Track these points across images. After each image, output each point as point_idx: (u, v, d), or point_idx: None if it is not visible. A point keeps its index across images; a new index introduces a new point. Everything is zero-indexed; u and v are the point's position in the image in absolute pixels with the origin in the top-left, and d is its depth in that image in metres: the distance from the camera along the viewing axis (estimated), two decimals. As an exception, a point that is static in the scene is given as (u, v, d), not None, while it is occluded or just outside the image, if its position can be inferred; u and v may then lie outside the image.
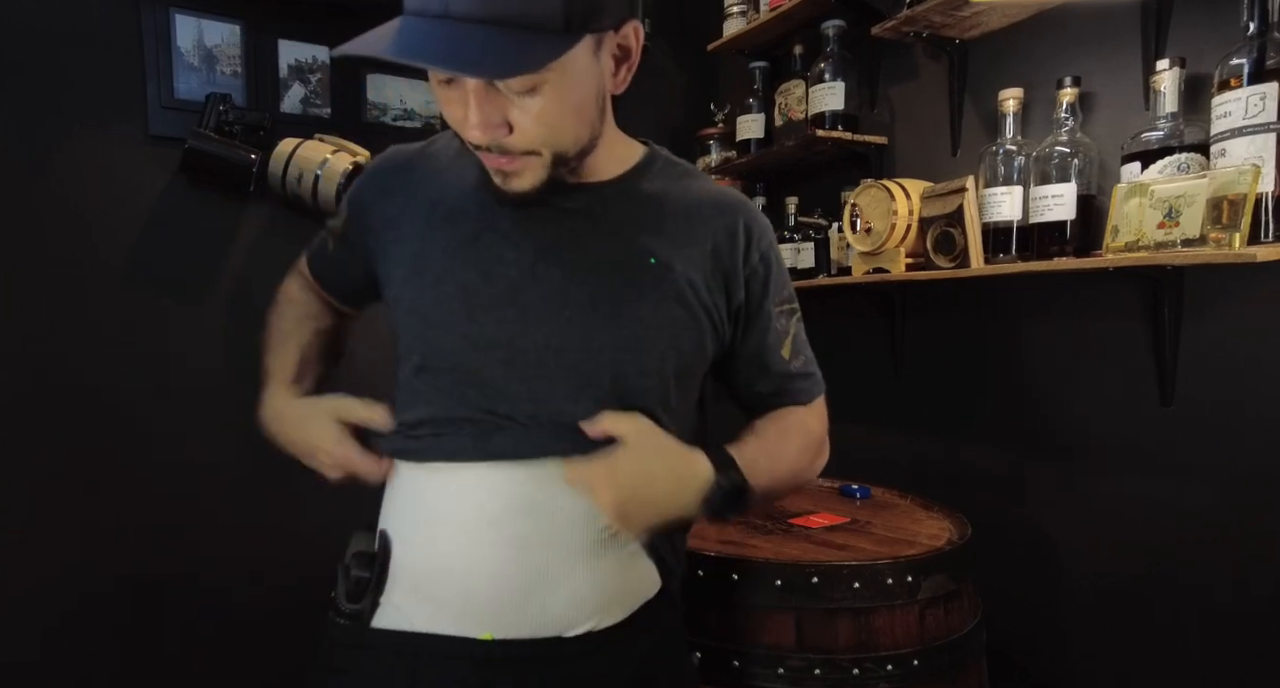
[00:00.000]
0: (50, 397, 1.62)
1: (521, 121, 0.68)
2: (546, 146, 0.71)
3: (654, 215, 0.82)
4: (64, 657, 1.65)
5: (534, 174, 0.73)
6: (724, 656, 1.09)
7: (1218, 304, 1.20)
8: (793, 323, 0.92)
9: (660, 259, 0.80)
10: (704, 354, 0.84)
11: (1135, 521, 1.31)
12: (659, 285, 0.79)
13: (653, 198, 0.83)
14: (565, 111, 0.70)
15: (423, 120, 1.95)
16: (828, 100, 1.71)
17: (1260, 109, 1.01)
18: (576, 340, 0.77)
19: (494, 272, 0.78)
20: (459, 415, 0.78)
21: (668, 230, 0.82)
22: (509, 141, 0.69)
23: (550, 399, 0.77)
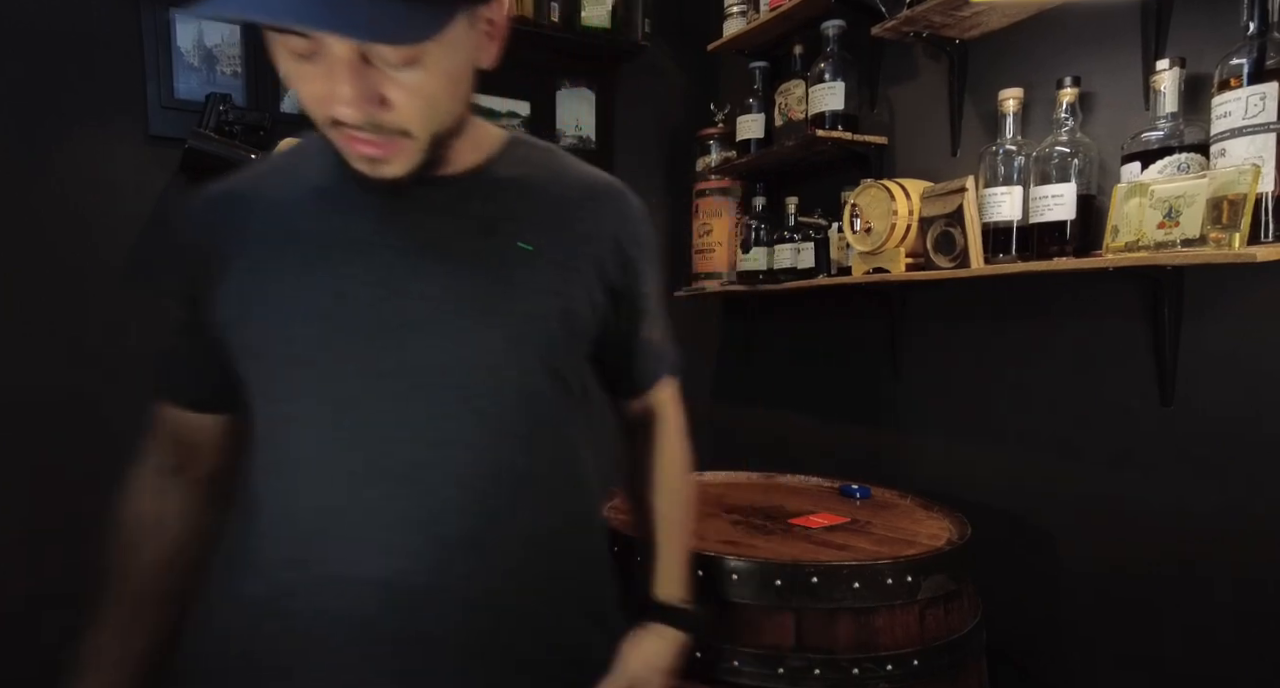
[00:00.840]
0: (50, 396, 1.62)
1: (398, 97, 0.61)
2: (424, 125, 0.64)
3: (523, 204, 0.77)
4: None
5: (407, 158, 0.65)
6: (724, 656, 1.09)
7: (1218, 304, 1.20)
8: (657, 305, 0.90)
9: (535, 248, 0.75)
10: (584, 340, 0.80)
11: (1135, 520, 1.31)
12: (536, 278, 0.74)
13: (519, 185, 0.77)
14: (444, 86, 0.63)
15: (423, 120, 1.95)
16: (828, 100, 1.71)
17: (1260, 109, 1.01)
18: (452, 353, 0.71)
19: (350, 290, 0.70)
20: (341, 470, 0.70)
21: (539, 219, 0.76)
22: (385, 118, 0.62)
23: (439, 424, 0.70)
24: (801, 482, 1.69)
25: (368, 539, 0.69)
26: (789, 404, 2.10)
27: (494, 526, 0.72)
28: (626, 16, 2.09)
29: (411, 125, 0.63)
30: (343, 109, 0.60)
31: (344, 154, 0.66)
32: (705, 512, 1.45)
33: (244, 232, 0.73)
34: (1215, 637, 1.21)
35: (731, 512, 1.44)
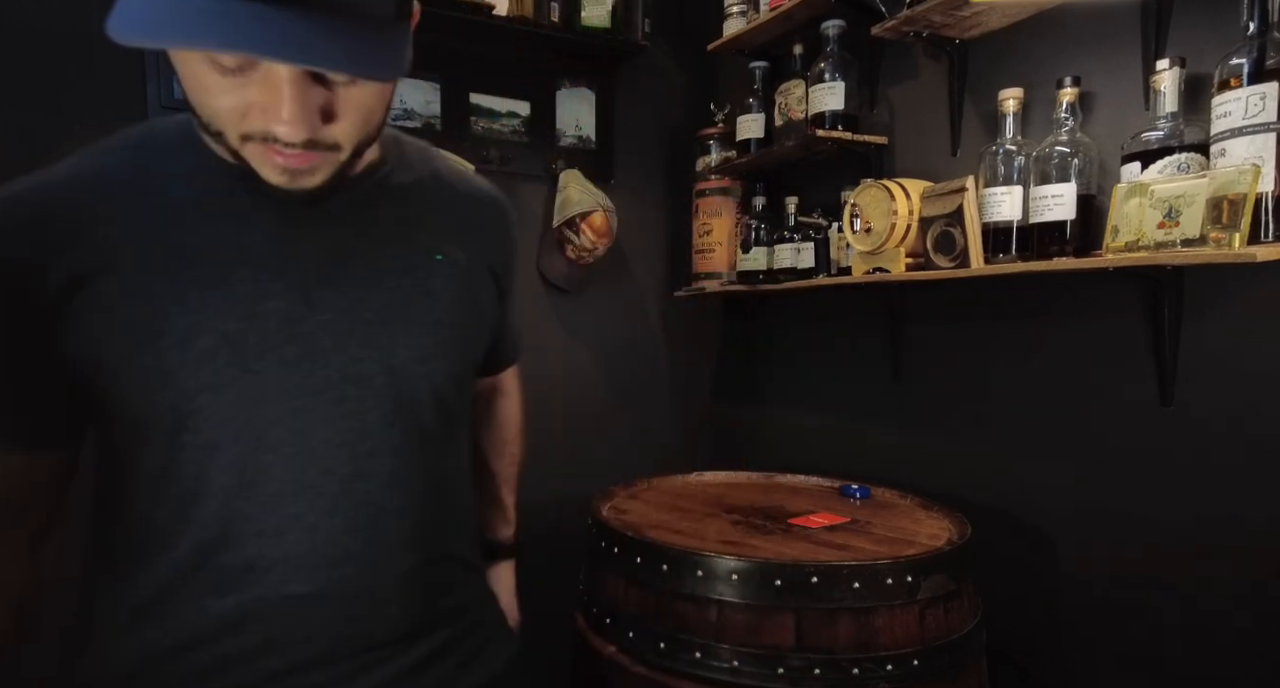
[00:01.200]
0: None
1: (341, 112, 0.60)
2: (354, 138, 0.63)
3: (423, 210, 0.77)
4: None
5: (328, 170, 0.63)
6: (723, 656, 1.09)
7: (1218, 304, 1.20)
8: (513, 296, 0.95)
9: (445, 255, 0.76)
10: (487, 341, 0.85)
11: (1135, 521, 1.31)
12: (449, 284, 0.76)
13: (414, 189, 0.77)
14: (380, 98, 0.63)
15: (421, 120, 1.95)
16: (828, 100, 1.71)
17: (1260, 109, 1.01)
18: (378, 363, 0.70)
19: (260, 308, 0.66)
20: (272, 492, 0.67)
21: (440, 224, 0.78)
22: (322, 134, 0.60)
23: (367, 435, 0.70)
24: (801, 482, 1.69)
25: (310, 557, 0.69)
26: (789, 404, 2.10)
27: (422, 523, 0.75)
28: (626, 16, 2.09)
29: (344, 139, 0.62)
30: (283, 127, 0.57)
31: (254, 165, 0.61)
32: (705, 512, 1.45)
33: (114, 246, 0.64)
34: (1215, 637, 1.21)
35: (731, 512, 1.44)
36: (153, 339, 0.64)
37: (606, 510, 1.42)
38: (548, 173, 2.10)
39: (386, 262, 0.72)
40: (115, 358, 0.64)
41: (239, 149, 0.61)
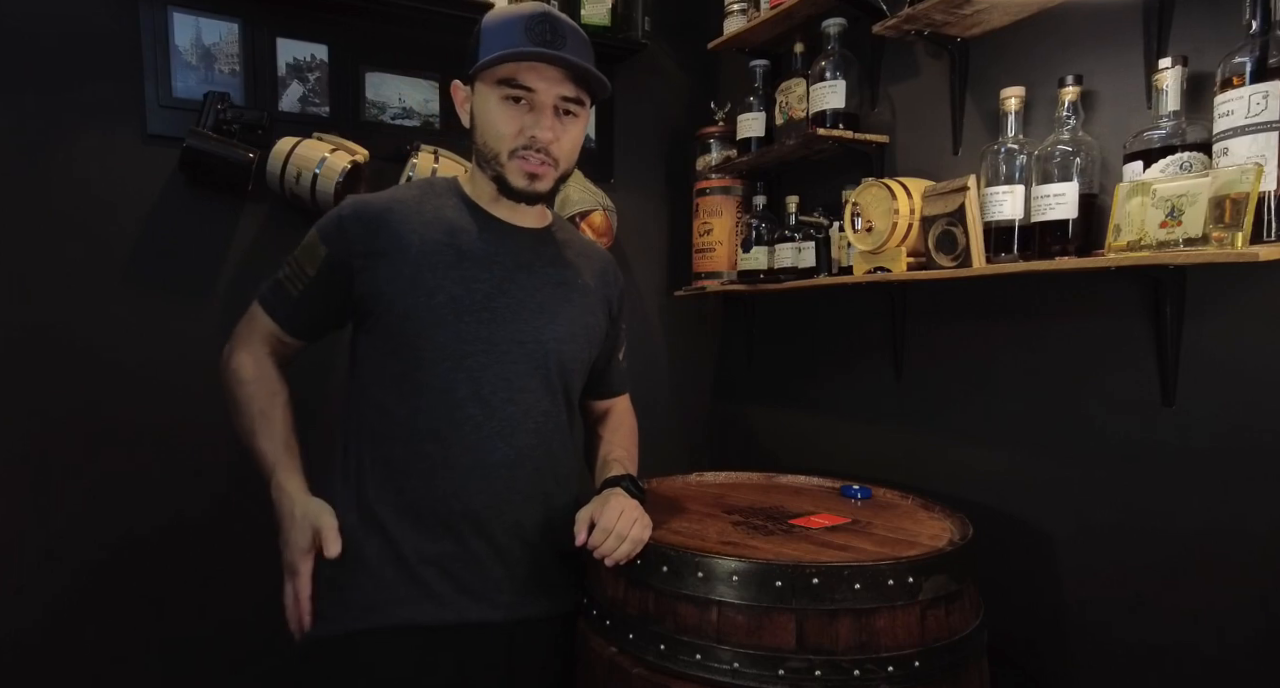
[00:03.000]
0: (48, 395, 1.62)
1: (564, 136, 1.10)
2: (566, 159, 1.12)
3: (570, 252, 1.25)
4: (63, 660, 1.65)
5: (549, 180, 1.12)
6: (724, 657, 1.08)
7: (1220, 304, 1.20)
8: (624, 338, 1.39)
9: (583, 281, 1.23)
10: (596, 349, 1.27)
11: (1137, 521, 1.31)
12: (584, 299, 1.23)
13: (566, 242, 1.26)
14: (578, 139, 1.14)
15: (420, 119, 1.95)
16: (828, 99, 1.71)
17: (1263, 108, 1.01)
18: (531, 335, 1.15)
19: (473, 287, 1.11)
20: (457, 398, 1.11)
21: (580, 263, 1.25)
22: (553, 147, 1.09)
23: (516, 377, 1.14)
24: (802, 482, 1.69)
25: (472, 443, 1.12)
26: (789, 404, 2.10)
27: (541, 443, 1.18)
28: (626, 14, 2.08)
29: (561, 157, 1.11)
30: (545, 133, 1.07)
31: (508, 176, 1.11)
32: (705, 512, 1.44)
33: (404, 237, 1.11)
34: (1216, 637, 1.21)
35: (732, 512, 1.44)
36: (412, 290, 1.09)
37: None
38: (548, 172, 2.09)
39: (548, 276, 1.19)
40: (392, 297, 1.10)
41: (505, 164, 1.10)
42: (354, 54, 1.85)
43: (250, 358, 1.18)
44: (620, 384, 1.40)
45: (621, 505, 1.12)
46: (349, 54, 1.84)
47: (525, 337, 1.14)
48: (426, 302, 1.09)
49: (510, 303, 1.13)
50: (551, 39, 1.03)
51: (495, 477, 1.12)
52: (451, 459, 1.10)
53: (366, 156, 1.75)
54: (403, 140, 1.88)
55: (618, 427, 1.38)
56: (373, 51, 1.87)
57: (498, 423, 1.12)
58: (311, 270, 1.13)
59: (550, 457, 1.19)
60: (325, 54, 1.82)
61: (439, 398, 1.10)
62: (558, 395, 1.20)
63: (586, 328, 1.22)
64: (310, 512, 1.08)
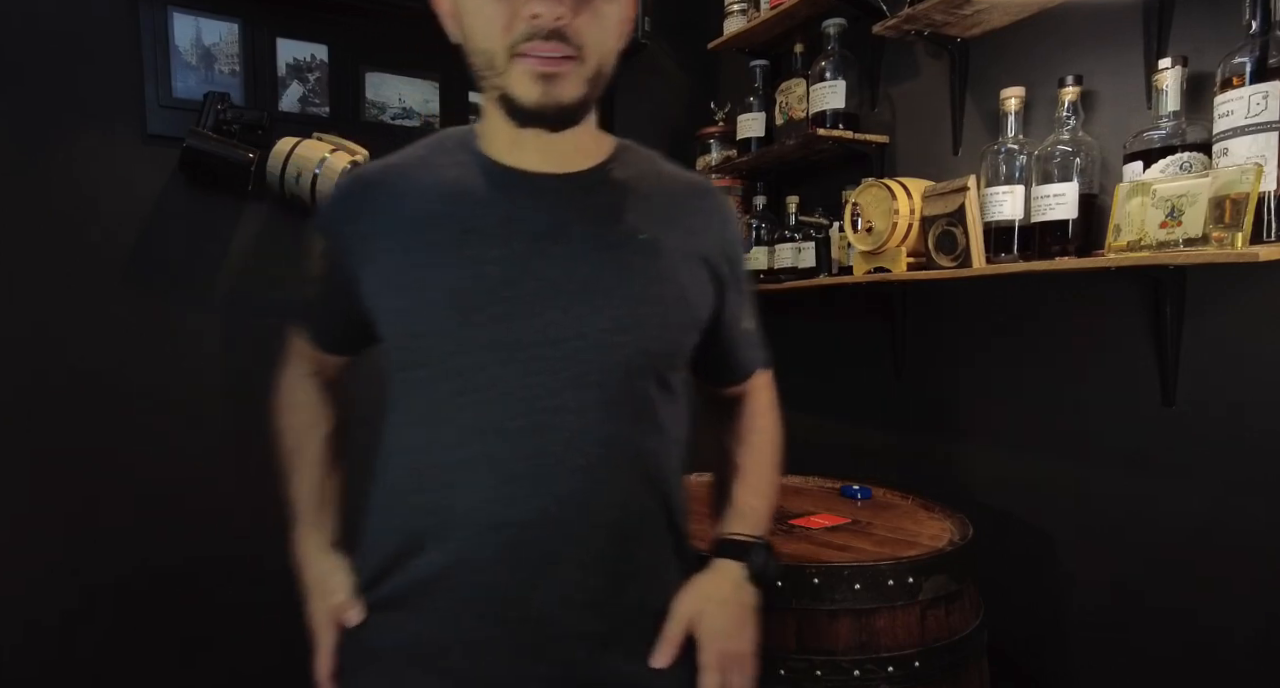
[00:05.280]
0: (49, 395, 1.62)
1: (585, 9, 0.72)
2: (594, 50, 0.74)
3: (634, 198, 0.84)
4: (64, 656, 1.65)
5: (575, 83, 0.74)
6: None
7: (1220, 303, 1.20)
8: (749, 297, 0.97)
9: (648, 236, 0.82)
10: (696, 329, 0.87)
11: (1137, 521, 1.31)
12: (648, 264, 0.82)
13: (630, 182, 0.86)
14: (613, 20, 0.75)
15: (421, 119, 1.95)
16: (828, 99, 1.71)
17: (1262, 108, 1.01)
18: (571, 329, 0.78)
19: (483, 272, 0.78)
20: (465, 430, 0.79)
21: (650, 211, 0.84)
22: (569, 29, 0.71)
23: (553, 393, 0.77)
24: (802, 482, 1.69)
25: (488, 493, 0.78)
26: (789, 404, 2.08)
27: (595, 488, 0.79)
28: (626, 15, 2.08)
29: (587, 42, 0.72)
30: (548, 5, 0.69)
31: (515, 90, 0.74)
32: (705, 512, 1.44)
33: (391, 214, 0.81)
34: (1217, 637, 1.21)
35: (732, 512, 1.44)
36: (398, 284, 0.79)
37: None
38: (548, 172, 2.09)
39: (595, 242, 0.81)
40: (382, 297, 0.81)
41: (504, 71, 0.73)
42: (354, 54, 1.85)
43: (291, 383, 0.99)
44: (751, 361, 0.99)
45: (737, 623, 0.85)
46: (349, 54, 1.84)
47: (561, 333, 0.78)
48: (421, 298, 0.79)
49: (538, 286, 0.78)
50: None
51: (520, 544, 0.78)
52: (457, 519, 0.79)
53: (366, 157, 1.74)
54: (403, 140, 1.85)
55: (748, 436, 0.99)
56: (373, 51, 1.87)
57: (523, 462, 0.78)
58: (317, 268, 0.90)
59: (620, 507, 0.81)
60: (325, 54, 1.82)
61: (445, 432, 0.79)
62: (631, 408, 0.81)
63: (666, 303, 0.82)
64: (322, 581, 0.89)
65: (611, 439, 0.79)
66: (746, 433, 0.99)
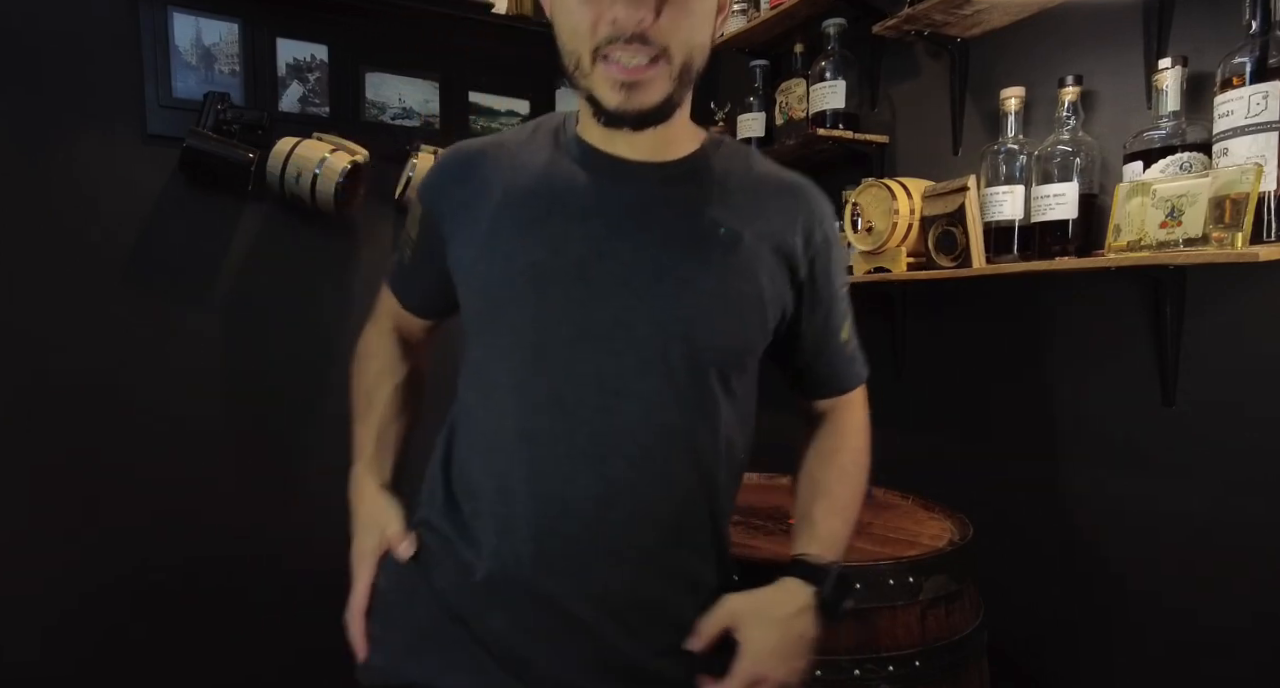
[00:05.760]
0: (49, 395, 1.62)
1: (668, 13, 0.72)
2: (681, 47, 0.74)
3: (720, 191, 0.84)
4: (64, 656, 1.65)
5: (661, 85, 0.75)
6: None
7: (1220, 303, 1.20)
8: (848, 308, 0.95)
9: (730, 229, 0.82)
10: (767, 329, 0.86)
11: (1137, 520, 1.31)
12: (727, 258, 0.81)
13: (719, 175, 0.85)
14: (702, 18, 0.75)
15: (421, 119, 1.95)
16: (828, 99, 1.71)
17: (1263, 108, 1.01)
18: (643, 314, 0.79)
19: (563, 248, 0.79)
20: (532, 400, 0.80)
21: (735, 205, 0.84)
22: (652, 31, 0.71)
23: (618, 376, 0.78)
24: (802, 482, 1.69)
25: (546, 467, 0.79)
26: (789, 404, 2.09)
27: (646, 478, 0.80)
28: (626, 15, 2.08)
29: (672, 42, 0.73)
30: (629, 11, 0.70)
31: (598, 93, 0.76)
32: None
33: (485, 186, 0.84)
34: (1217, 637, 1.21)
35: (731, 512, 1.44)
36: (487, 253, 0.82)
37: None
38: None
39: (672, 229, 0.81)
40: (467, 263, 0.84)
41: (589, 74, 0.75)
42: (354, 54, 1.85)
43: (374, 334, 1.02)
44: (844, 377, 0.97)
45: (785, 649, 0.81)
46: (349, 54, 1.84)
47: (634, 317, 0.78)
48: (503, 268, 0.80)
49: (615, 268, 0.79)
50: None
51: (568, 521, 0.79)
52: (508, 493, 0.80)
53: (366, 157, 1.74)
54: (403, 140, 1.87)
55: (834, 456, 0.97)
56: (373, 51, 1.87)
57: (583, 440, 0.79)
58: (414, 232, 0.92)
59: (666, 500, 0.81)
60: (325, 54, 1.82)
61: (510, 402, 0.81)
62: (693, 401, 0.81)
63: (740, 299, 0.82)
64: (375, 515, 0.91)
65: (669, 431, 0.80)
66: (833, 452, 0.97)
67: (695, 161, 0.85)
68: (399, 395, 0.99)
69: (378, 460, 0.96)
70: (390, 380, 0.99)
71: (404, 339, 1.02)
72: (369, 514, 0.92)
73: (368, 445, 0.96)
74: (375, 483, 0.94)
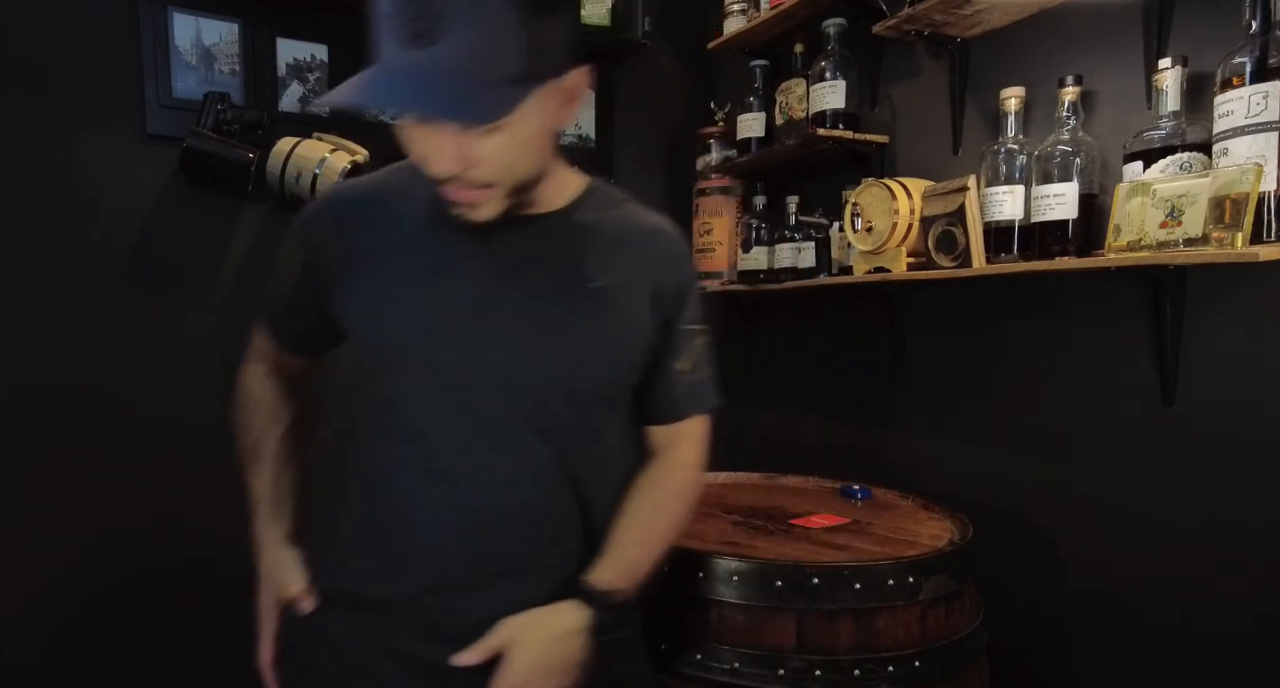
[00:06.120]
0: (50, 395, 1.62)
1: (483, 157, 0.74)
2: (504, 178, 0.78)
3: (592, 244, 0.90)
4: (64, 656, 1.65)
5: (492, 205, 0.80)
6: (723, 657, 1.08)
7: (1219, 304, 1.20)
8: (695, 342, 0.98)
9: (600, 285, 0.89)
10: (636, 368, 0.93)
11: (1137, 521, 1.31)
12: (598, 310, 0.88)
13: (590, 228, 0.91)
14: (521, 147, 0.77)
15: (422, 119, 1.94)
16: (828, 99, 1.71)
17: (1262, 108, 1.01)
18: (525, 363, 0.85)
19: (450, 303, 0.85)
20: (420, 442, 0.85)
21: (604, 258, 0.90)
22: (471, 175, 0.76)
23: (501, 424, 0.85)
24: (802, 482, 1.69)
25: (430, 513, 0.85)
26: (789, 404, 2.09)
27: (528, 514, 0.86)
28: (626, 14, 2.08)
29: (494, 178, 0.77)
30: (437, 167, 0.75)
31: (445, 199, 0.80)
32: (705, 512, 1.44)
33: (372, 237, 0.88)
34: (1217, 637, 1.21)
35: (732, 512, 1.44)
36: (378, 308, 0.86)
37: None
38: (547, 172, 2.09)
39: (549, 284, 0.87)
40: (355, 314, 0.88)
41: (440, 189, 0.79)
42: (354, 54, 1.84)
43: (253, 380, 1.03)
44: (678, 405, 0.97)
45: (547, 669, 0.83)
46: (349, 54, 1.84)
47: (519, 365, 0.85)
48: (393, 323, 0.85)
49: (498, 321, 0.85)
50: (423, 31, 0.67)
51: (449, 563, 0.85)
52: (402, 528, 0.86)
53: (366, 157, 1.74)
54: (403, 140, 1.87)
55: (654, 487, 0.96)
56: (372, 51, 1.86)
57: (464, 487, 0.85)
58: (293, 275, 0.96)
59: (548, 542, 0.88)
60: (325, 54, 1.82)
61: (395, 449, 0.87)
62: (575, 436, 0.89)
63: (613, 343, 0.89)
64: (275, 571, 0.93)
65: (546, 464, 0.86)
66: (654, 484, 0.96)
67: (567, 215, 0.90)
68: (287, 442, 1.01)
69: (277, 512, 0.97)
70: (276, 428, 1.01)
71: (285, 380, 1.04)
72: (270, 570, 0.94)
73: (265, 498, 0.98)
74: (277, 535, 0.96)
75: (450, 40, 0.67)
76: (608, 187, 0.98)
